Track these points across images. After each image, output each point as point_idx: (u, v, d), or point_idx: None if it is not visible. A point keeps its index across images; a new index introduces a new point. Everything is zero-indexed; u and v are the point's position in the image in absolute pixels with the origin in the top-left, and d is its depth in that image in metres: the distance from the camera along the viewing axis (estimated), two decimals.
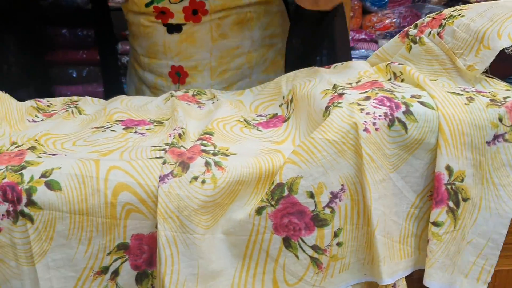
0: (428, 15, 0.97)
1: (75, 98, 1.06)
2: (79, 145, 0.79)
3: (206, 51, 1.16)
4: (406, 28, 0.98)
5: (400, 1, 1.89)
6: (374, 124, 0.68)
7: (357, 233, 0.69)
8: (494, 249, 0.71)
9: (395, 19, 1.87)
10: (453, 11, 0.93)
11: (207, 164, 0.69)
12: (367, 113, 0.69)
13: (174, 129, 0.81)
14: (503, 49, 0.77)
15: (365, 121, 0.68)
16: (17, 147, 0.74)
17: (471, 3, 1.85)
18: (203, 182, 0.67)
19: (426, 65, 0.89)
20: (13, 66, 1.29)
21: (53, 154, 0.73)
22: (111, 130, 0.85)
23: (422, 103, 0.71)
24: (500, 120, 0.70)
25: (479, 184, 0.70)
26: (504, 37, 0.77)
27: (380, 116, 0.69)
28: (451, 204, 0.68)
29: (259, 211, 0.67)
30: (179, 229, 0.66)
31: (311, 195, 0.67)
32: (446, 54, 0.86)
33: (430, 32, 0.90)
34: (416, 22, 0.98)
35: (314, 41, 1.20)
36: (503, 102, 0.72)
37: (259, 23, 1.18)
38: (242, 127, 0.87)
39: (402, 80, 0.85)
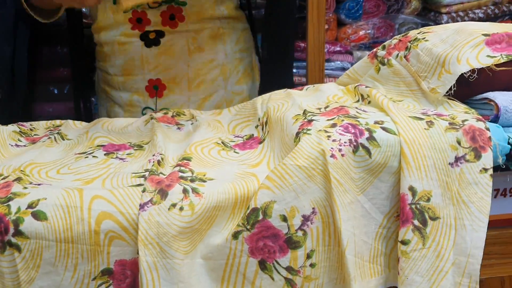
0: (395, 37, 1.01)
1: (57, 122, 1.09)
2: (63, 173, 0.82)
3: (183, 63, 1.22)
4: (374, 49, 1.03)
5: (374, 12, 1.94)
6: (340, 150, 0.72)
7: (329, 254, 0.74)
8: (475, 264, 0.74)
9: (370, 31, 1.92)
10: (418, 33, 0.98)
11: (185, 191, 0.72)
12: (334, 140, 0.73)
13: (154, 155, 0.84)
14: (462, 73, 0.82)
15: (331, 148, 0.72)
16: (3, 178, 0.77)
17: (442, 13, 1.91)
18: (181, 209, 0.71)
19: (393, 86, 0.94)
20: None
21: (39, 184, 0.76)
22: (93, 156, 0.88)
23: (384, 129, 0.75)
24: (459, 142, 0.75)
25: (450, 205, 0.74)
26: (463, 62, 0.82)
27: (345, 142, 0.73)
28: (416, 222, 0.73)
29: (235, 235, 0.71)
30: (159, 255, 0.70)
31: (284, 219, 0.72)
32: (412, 76, 0.91)
33: (398, 54, 0.95)
34: (384, 44, 1.02)
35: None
36: (461, 125, 0.77)
37: (230, 39, 1.27)
38: (219, 149, 0.91)
39: (369, 102, 0.90)
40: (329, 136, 0.74)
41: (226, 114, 1.07)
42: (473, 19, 1.89)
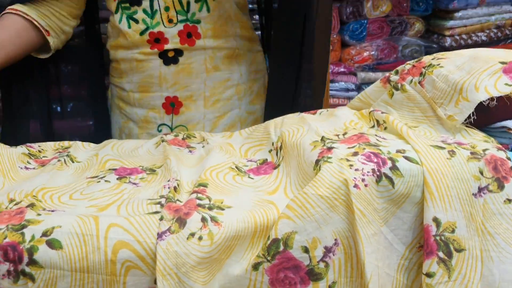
0: (408, 62, 1.01)
1: (65, 143, 1.07)
2: (76, 199, 0.80)
3: (200, 81, 1.25)
4: (387, 74, 1.03)
5: (378, 34, 1.95)
6: (363, 180, 0.71)
7: (351, 286, 0.72)
8: None
9: (373, 52, 1.93)
10: (432, 59, 0.97)
11: (203, 219, 0.71)
12: (356, 170, 0.72)
13: (169, 181, 0.83)
14: (481, 101, 0.82)
15: (354, 177, 0.71)
16: (15, 204, 0.75)
17: (446, 36, 1.93)
18: (200, 238, 0.69)
19: (407, 112, 0.93)
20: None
21: (52, 210, 0.74)
22: (106, 181, 0.87)
23: (407, 158, 0.74)
24: (481, 173, 0.74)
25: (475, 236, 0.73)
26: (481, 90, 0.82)
27: (368, 172, 0.72)
28: (441, 254, 0.72)
29: (255, 266, 0.70)
30: (177, 286, 0.68)
31: (306, 250, 0.70)
32: (427, 103, 0.90)
33: (412, 80, 0.95)
34: (397, 68, 1.02)
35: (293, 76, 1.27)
36: (482, 155, 0.76)
37: (245, 60, 1.30)
38: (234, 174, 0.89)
39: (385, 128, 0.89)
40: (351, 165, 0.73)
41: (237, 137, 1.06)
42: (476, 42, 1.91)
